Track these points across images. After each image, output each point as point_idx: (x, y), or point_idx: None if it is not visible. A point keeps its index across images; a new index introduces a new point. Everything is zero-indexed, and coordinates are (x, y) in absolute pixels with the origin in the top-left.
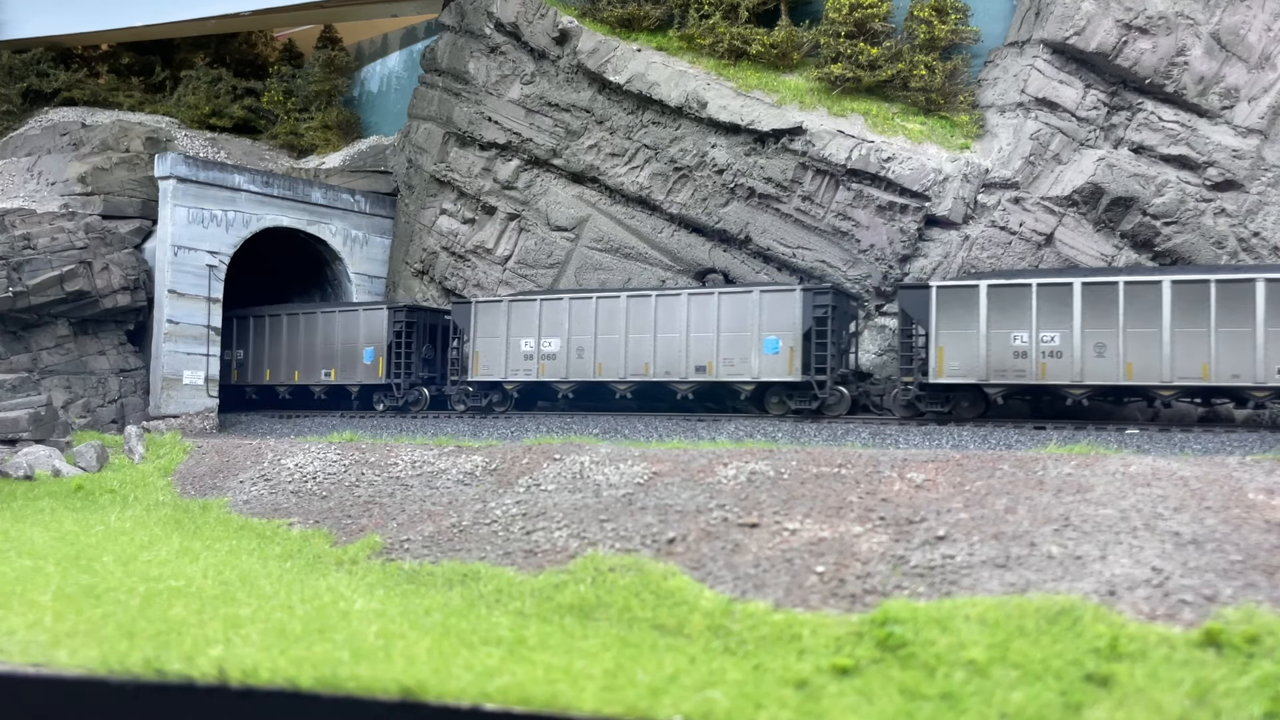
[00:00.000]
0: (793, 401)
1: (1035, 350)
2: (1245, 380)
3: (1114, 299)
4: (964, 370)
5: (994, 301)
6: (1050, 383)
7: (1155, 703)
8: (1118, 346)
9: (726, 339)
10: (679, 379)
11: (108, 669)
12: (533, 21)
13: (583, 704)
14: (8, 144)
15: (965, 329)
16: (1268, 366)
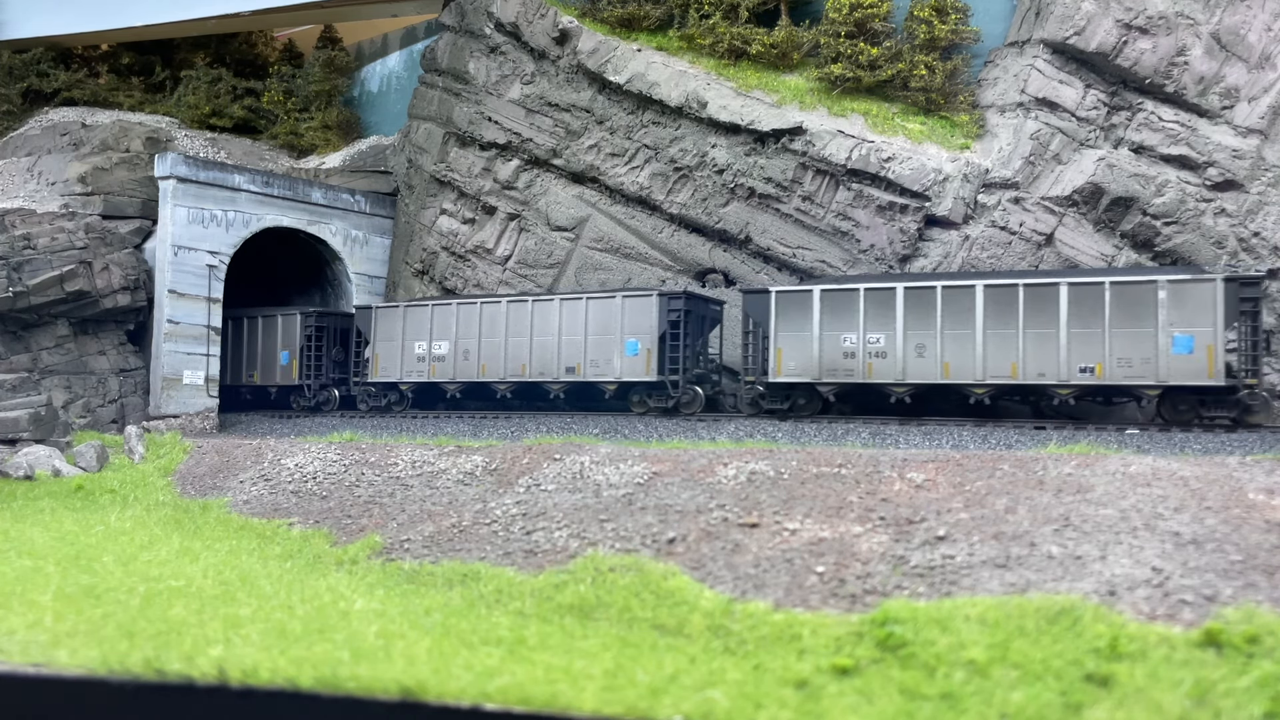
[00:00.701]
0: (651, 400)
1: (863, 351)
2: (1050, 379)
3: (933, 303)
4: (800, 370)
5: (826, 305)
6: (876, 381)
7: (1155, 703)
8: (936, 347)
9: (593, 341)
10: (551, 379)
11: (108, 669)
12: (533, 21)
13: (583, 704)
14: (8, 144)
15: (801, 331)
16: (1070, 365)
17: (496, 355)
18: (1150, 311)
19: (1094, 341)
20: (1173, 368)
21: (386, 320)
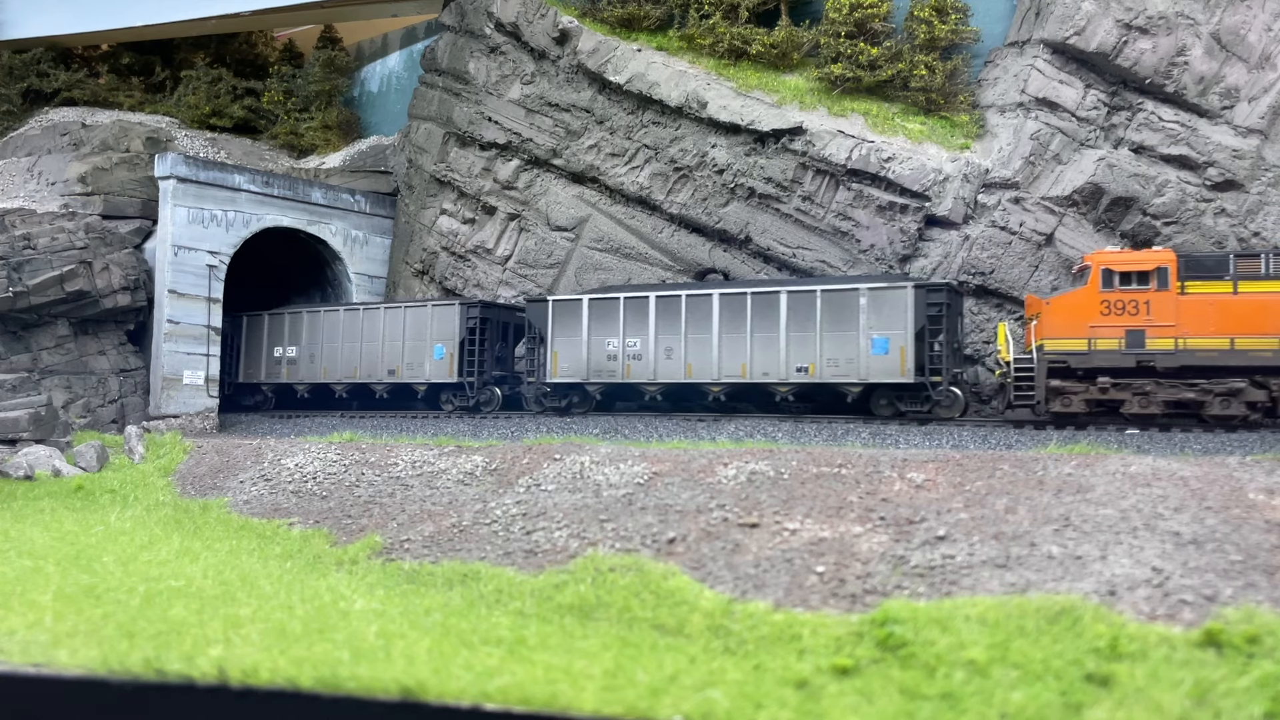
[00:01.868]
0: (457, 400)
1: (623, 354)
2: (773, 378)
3: (678, 310)
4: (572, 371)
5: (594, 313)
6: (633, 381)
7: (1155, 703)
8: (682, 350)
9: (409, 347)
10: (376, 381)
11: (108, 669)
12: (533, 21)
13: (583, 704)
14: (8, 144)
15: (573, 337)
16: (789, 365)
17: (335, 359)
18: (853, 316)
19: (808, 344)
20: (872, 367)
21: (254, 328)
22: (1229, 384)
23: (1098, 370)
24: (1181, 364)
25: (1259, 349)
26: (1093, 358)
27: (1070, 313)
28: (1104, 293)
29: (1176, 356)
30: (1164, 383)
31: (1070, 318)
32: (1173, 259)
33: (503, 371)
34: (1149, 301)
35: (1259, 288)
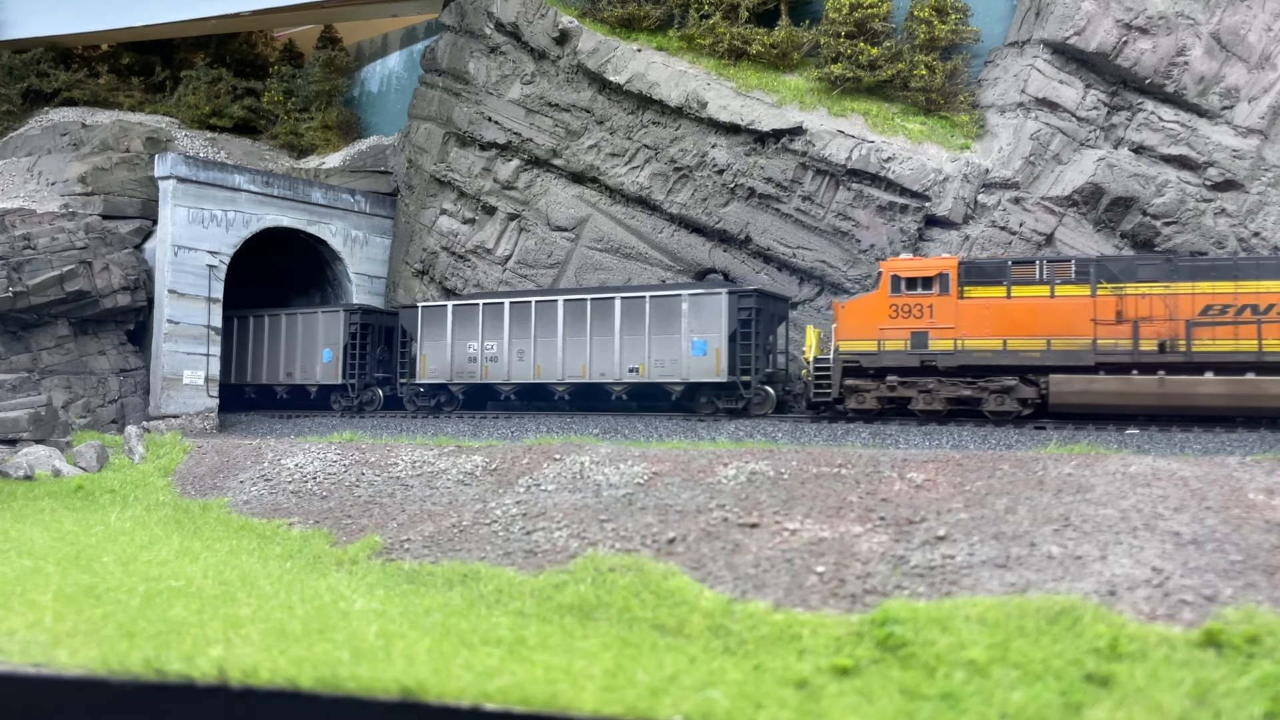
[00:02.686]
0: (343, 400)
1: (481, 356)
2: (609, 378)
3: (529, 315)
4: (438, 373)
5: (457, 318)
6: (490, 381)
7: (1155, 703)
8: (532, 352)
9: (304, 350)
10: (276, 382)
11: (108, 669)
12: (533, 21)
13: (583, 704)
14: (8, 144)
15: (439, 340)
16: (622, 366)
17: (256, 362)
18: (677, 321)
19: (639, 346)
20: (693, 367)
21: None
22: (1002, 381)
23: (887, 369)
24: (960, 363)
25: (1028, 349)
26: (882, 358)
27: (862, 316)
28: (892, 297)
29: (955, 356)
30: (945, 381)
31: (862, 321)
32: (953, 265)
33: (386, 373)
34: (932, 305)
35: (1030, 292)
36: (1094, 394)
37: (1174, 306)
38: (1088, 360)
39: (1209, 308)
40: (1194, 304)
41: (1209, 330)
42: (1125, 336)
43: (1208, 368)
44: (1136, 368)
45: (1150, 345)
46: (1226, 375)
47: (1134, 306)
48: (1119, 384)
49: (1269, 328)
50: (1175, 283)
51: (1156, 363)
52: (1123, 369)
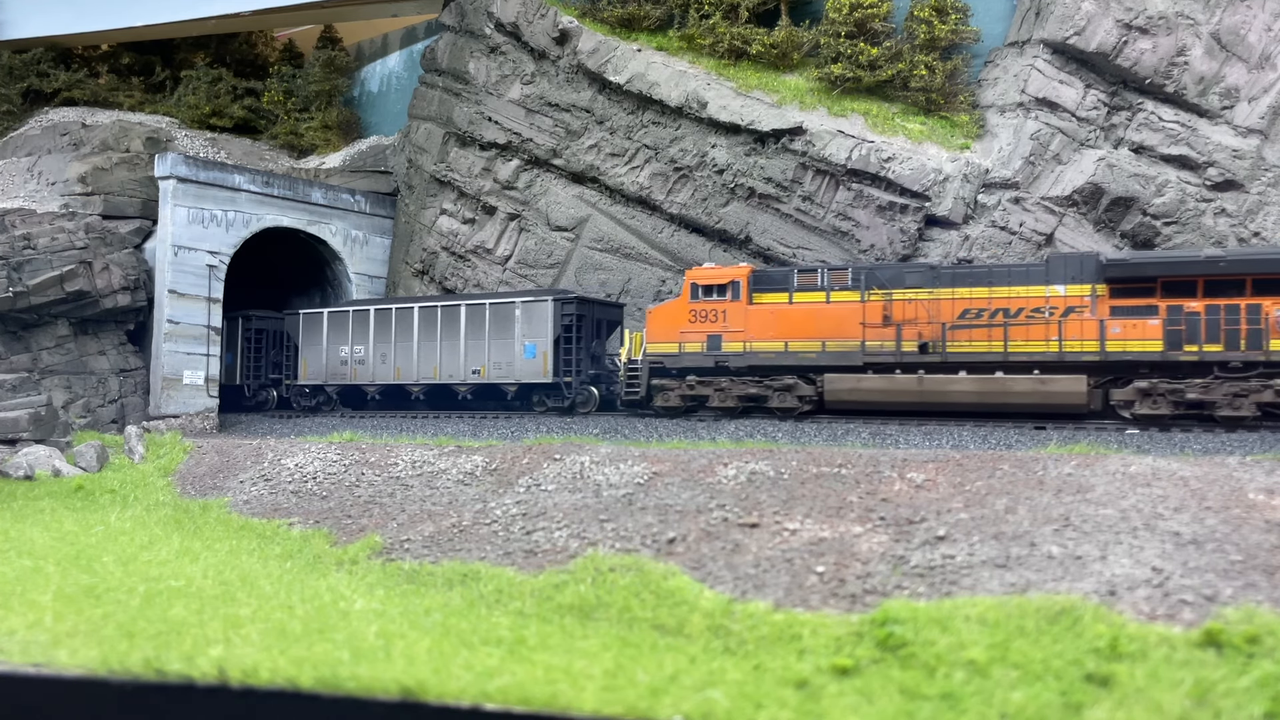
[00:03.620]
0: (243, 399)
1: (351, 359)
2: (456, 379)
3: (390, 321)
4: (315, 374)
5: (331, 324)
6: (358, 383)
7: (1155, 703)
8: (392, 355)
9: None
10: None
11: (108, 669)
12: (533, 21)
13: (583, 704)
14: (8, 144)
15: (316, 345)
16: (466, 368)
17: None
18: (511, 326)
19: (480, 350)
20: (525, 369)
21: None
22: (784, 380)
23: (687, 370)
24: (749, 364)
25: (806, 350)
26: (682, 359)
27: (667, 321)
28: (692, 303)
29: (744, 357)
30: (736, 380)
31: (666, 325)
32: (745, 273)
33: (278, 375)
34: (725, 311)
35: (809, 298)
36: (862, 391)
37: (935, 311)
38: (857, 361)
39: (966, 312)
40: (954, 308)
41: (965, 333)
42: (890, 339)
43: (962, 367)
44: (900, 367)
45: (911, 346)
46: (978, 374)
47: (900, 311)
48: (884, 382)
49: (1015, 330)
50: (937, 289)
51: (917, 363)
52: (888, 368)
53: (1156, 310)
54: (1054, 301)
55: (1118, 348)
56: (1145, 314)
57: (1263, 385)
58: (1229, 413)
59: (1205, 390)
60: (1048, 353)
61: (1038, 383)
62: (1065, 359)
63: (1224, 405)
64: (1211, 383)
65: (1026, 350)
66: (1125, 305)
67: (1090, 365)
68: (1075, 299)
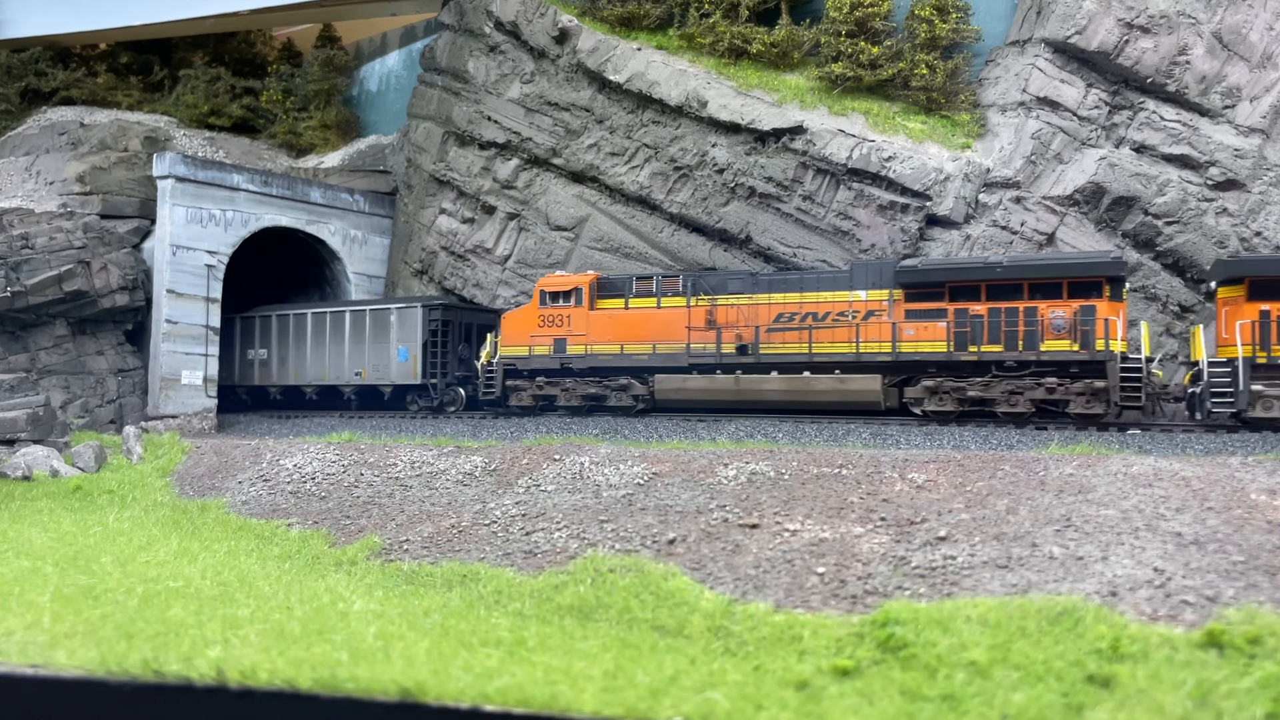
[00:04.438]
0: None
1: (258, 361)
2: (342, 381)
3: (288, 325)
4: (227, 376)
5: (242, 328)
6: (262, 384)
7: (1157, 704)
8: (289, 358)
9: None
10: None
11: (106, 670)
12: (532, 20)
13: (582, 705)
14: (6, 143)
15: (230, 347)
16: (350, 371)
17: None
18: (388, 330)
19: (362, 353)
20: (398, 371)
21: None
22: (619, 381)
23: (536, 371)
24: (589, 365)
25: (639, 352)
26: (532, 361)
27: (519, 326)
28: (541, 309)
29: (586, 359)
30: (580, 381)
31: (518, 330)
32: (587, 281)
33: None
34: (570, 316)
35: (643, 303)
36: (688, 391)
37: (753, 315)
38: (682, 362)
39: (780, 315)
40: (770, 313)
41: (779, 335)
42: (711, 341)
43: (774, 367)
44: (720, 368)
45: (730, 349)
46: (787, 374)
47: (723, 315)
48: (706, 382)
49: (821, 333)
50: (756, 294)
51: (736, 363)
52: (710, 369)
53: (945, 313)
54: (856, 306)
55: (909, 348)
56: (935, 317)
57: (1036, 383)
58: (1007, 409)
59: (985, 388)
60: (847, 354)
61: (838, 382)
62: (862, 359)
63: (1002, 402)
64: (991, 381)
65: (829, 351)
66: (918, 309)
67: (884, 365)
68: (875, 303)
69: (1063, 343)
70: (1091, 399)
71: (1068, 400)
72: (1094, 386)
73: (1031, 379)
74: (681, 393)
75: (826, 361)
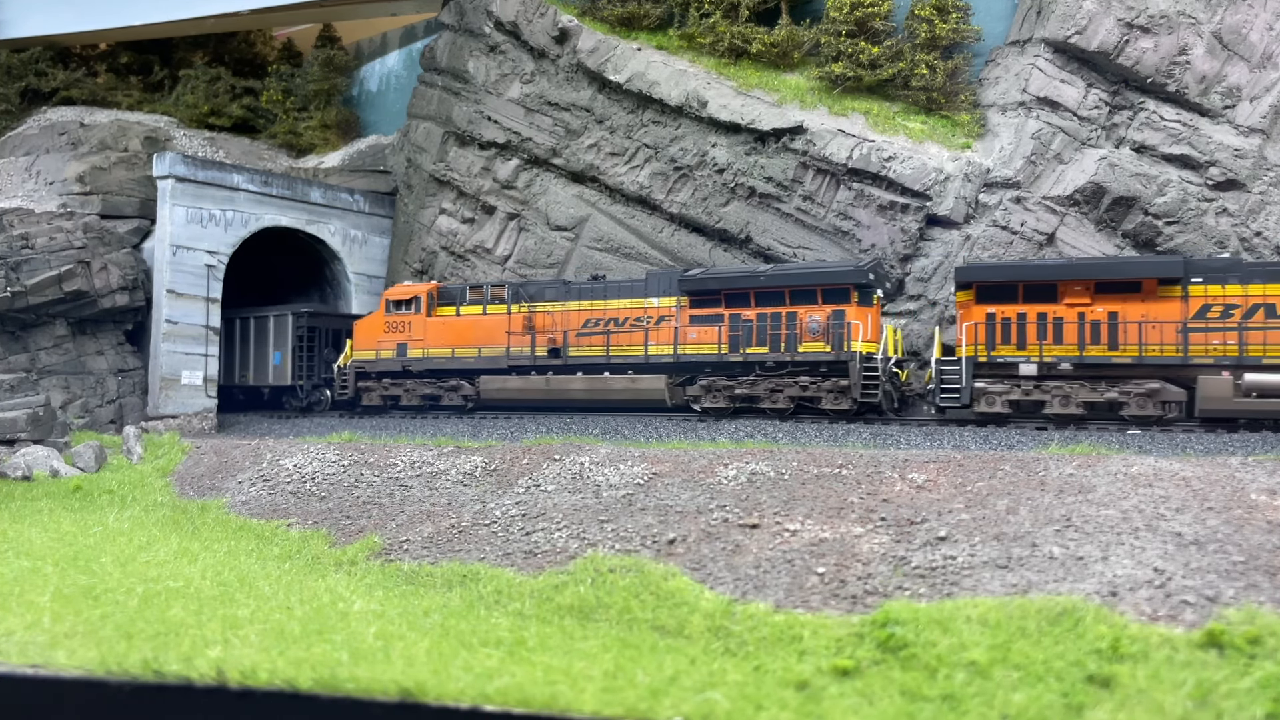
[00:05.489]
0: None
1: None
2: (234, 381)
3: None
4: None
5: None
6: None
7: (1157, 704)
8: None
9: None
10: None
11: (106, 670)
12: (532, 20)
13: (582, 705)
14: (6, 143)
15: None
16: (239, 371)
17: None
18: (267, 336)
19: (249, 357)
20: (275, 374)
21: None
22: (450, 382)
23: (383, 374)
24: (426, 368)
25: (467, 356)
26: (378, 364)
27: (368, 332)
28: (387, 316)
29: (423, 362)
30: (419, 381)
31: (368, 336)
32: (425, 291)
33: None
34: (410, 323)
35: (471, 311)
36: (508, 390)
37: (565, 321)
38: (503, 364)
39: (589, 321)
40: (579, 319)
41: (587, 339)
42: (527, 345)
43: (580, 369)
44: (535, 369)
45: (543, 352)
46: (590, 375)
47: (539, 321)
48: (522, 382)
49: (619, 337)
50: (568, 301)
51: (548, 365)
52: (526, 370)
53: (722, 319)
54: (650, 312)
55: (689, 351)
56: (714, 322)
57: (793, 381)
58: (769, 405)
59: (751, 386)
60: (638, 356)
61: (630, 381)
62: (651, 361)
63: (766, 399)
64: (755, 380)
65: (624, 354)
66: (700, 314)
67: (668, 366)
68: (666, 310)
69: (817, 345)
70: (839, 395)
71: (820, 397)
72: (840, 384)
73: (789, 377)
74: (503, 392)
75: (622, 363)
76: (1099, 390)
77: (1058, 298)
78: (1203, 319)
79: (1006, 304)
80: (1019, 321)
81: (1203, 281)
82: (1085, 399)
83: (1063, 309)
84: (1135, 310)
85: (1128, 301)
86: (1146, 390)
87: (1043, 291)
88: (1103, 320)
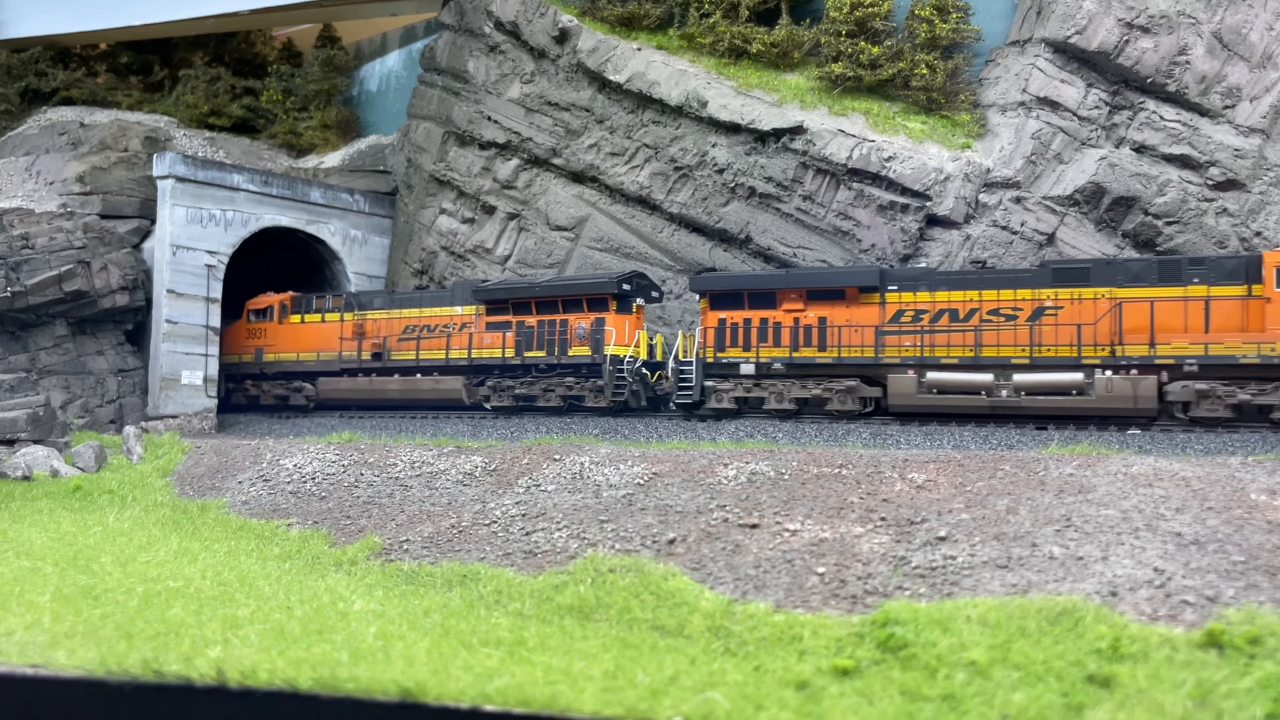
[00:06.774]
0: None
1: None
2: None
3: None
4: None
5: None
6: None
7: (1157, 704)
8: None
9: None
10: None
11: (106, 670)
12: (532, 20)
13: (582, 705)
14: (6, 143)
15: None
16: None
17: None
18: None
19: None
20: None
21: None
22: (295, 383)
23: (246, 375)
24: (277, 370)
25: (308, 359)
26: (243, 367)
27: (236, 337)
28: (248, 324)
29: (274, 365)
30: (273, 383)
31: (236, 340)
32: (278, 300)
33: None
34: (266, 329)
35: (314, 318)
36: (340, 390)
37: (389, 327)
38: (336, 367)
39: (407, 328)
40: (400, 325)
41: (407, 344)
42: (354, 350)
43: (396, 371)
44: (361, 372)
45: (368, 356)
46: (404, 376)
47: (369, 328)
48: (351, 383)
49: (428, 342)
50: (391, 309)
51: (372, 368)
52: (354, 373)
53: (511, 325)
54: (455, 319)
55: (483, 354)
56: (504, 328)
57: (561, 382)
58: (544, 403)
59: (529, 386)
60: (441, 359)
61: (435, 382)
62: (451, 364)
63: (541, 398)
64: (532, 380)
65: (430, 357)
66: (495, 321)
67: (464, 368)
68: (467, 317)
69: (583, 349)
70: (598, 394)
71: (584, 395)
72: (598, 384)
73: (558, 378)
74: (336, 392)
75: (429, 365)
76: (807, 388)
77: (777, 304)
78: (896, 323)
79: (735, 310)
80: (745, 326)
81: (897, 289)
82: (796, 395)
83: (781, 314)
84: (841, 315)
85: (835, 307)
86: (845, 387)
87: (764, 299)
88: (814, 325)
